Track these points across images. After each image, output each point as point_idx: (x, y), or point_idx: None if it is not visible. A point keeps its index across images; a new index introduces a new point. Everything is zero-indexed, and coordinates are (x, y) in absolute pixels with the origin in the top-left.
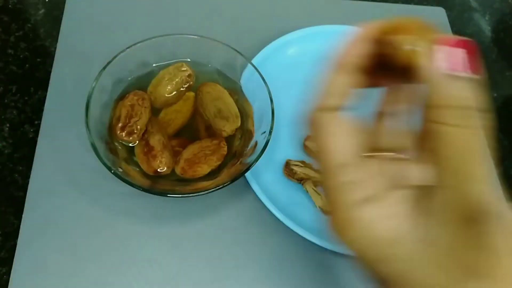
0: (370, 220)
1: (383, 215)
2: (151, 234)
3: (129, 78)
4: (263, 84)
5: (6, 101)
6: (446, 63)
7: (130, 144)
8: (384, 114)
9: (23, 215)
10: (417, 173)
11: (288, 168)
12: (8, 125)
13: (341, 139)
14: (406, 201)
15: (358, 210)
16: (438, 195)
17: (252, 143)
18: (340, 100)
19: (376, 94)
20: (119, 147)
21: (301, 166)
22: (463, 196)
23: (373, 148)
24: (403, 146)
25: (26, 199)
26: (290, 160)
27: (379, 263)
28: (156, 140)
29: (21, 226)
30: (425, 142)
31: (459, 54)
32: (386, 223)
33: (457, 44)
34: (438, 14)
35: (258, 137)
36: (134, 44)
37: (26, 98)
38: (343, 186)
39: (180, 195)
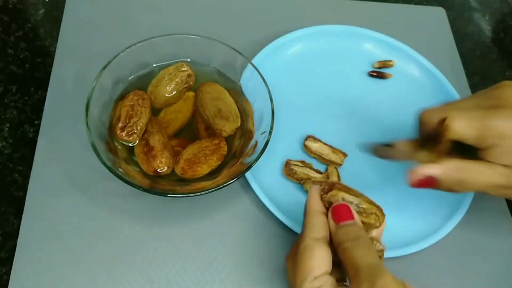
0: None
1: None
2: (151, 234)
3: (129, 78)
4: (263, 84)
5: (6, 101)
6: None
7: (130, 144)
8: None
9: (23, 215)
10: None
11: (288, 168)
12: (8, 125)
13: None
14: None
15: None
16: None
17: (252, 143)
18: (322, 232)
19: None
20: (119, 147)
21: (301, 166)
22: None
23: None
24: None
25: (26, 199)
26: (290, 160)
27: None
28: (156, 140)
29: (21, 226)
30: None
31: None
32: None
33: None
34: (438, 14)
35: (258, 137)
36: (134, 44)
37: (26, 98)
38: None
39: (180, 195)
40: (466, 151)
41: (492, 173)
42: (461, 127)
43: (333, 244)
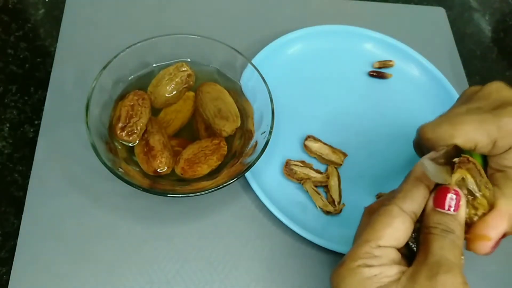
0: (368, 276)
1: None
2: (151, 234)
3: (129, 78)
4: (263, 84)
5: (6, 101)
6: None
7: (130, 144)
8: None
9: (23, 215)
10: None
11: (288, 168)
12: (8, 125)
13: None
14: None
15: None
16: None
17: (252, 143)
18: (414, 206)
19: None
20: (119, 147)
21: (301, 166)
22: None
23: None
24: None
25: (26, 199)
26: (290, 160)
27: None
28: (156, 140)
29: (21, 226)
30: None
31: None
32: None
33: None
34: (438, 14)
35: (258, 137)
36: (134, 44)
37: (26, 98)
38: (370, 254)
39: (180, 195)
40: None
41: None
42: (473, 134)
43: (421, 221)
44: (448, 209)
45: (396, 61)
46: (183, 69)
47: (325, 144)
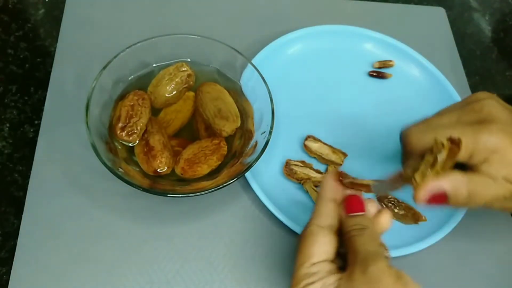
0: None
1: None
2: (151, 234)
3: (129, 78)
4: (263, 84)
5: (6, 101)
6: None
7: (130, 144)
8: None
9: (23, 215)
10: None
11: (288, 168)
12: (8, 125)
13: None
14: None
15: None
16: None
17: (252, 143)
18: (328, 220)
19: None
20: (119, 147)
21: (301, 166)
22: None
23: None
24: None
25: (26, 199)
26: (290, 160)
27: None
28: (156, 140)
29: (21, 226)
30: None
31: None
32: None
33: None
34: (438, 14)
35: (258, 137)
36: (134, 44)
37: (26, 98)
38: (308, 274)
39: (180, 195)
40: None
41: (497, 185)
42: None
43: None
44: (358, 210)
45: (396, 61)
46: (183, 69)
47: (325, 144)
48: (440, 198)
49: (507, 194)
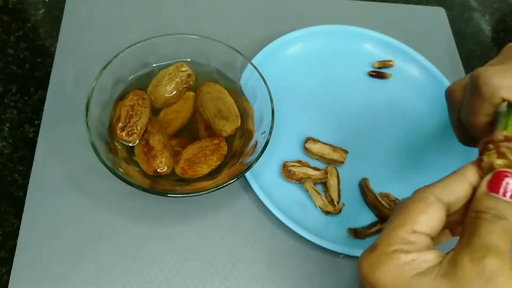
0: (405, 262)
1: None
2: (151, 234)
3: (129, 78)
4: (263, 84)
5: (6, 101)
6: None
7: (130, 144)
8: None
9: (23, 215)
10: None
11: (286, 170)
12: (8, 125)
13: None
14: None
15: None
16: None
17: (252, 143)
18: (451, 198)
19: None
20: (119, 147)
21: (298, 166)
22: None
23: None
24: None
25: (26, 199)
26: (286, 162)
27: None
28: (156, 140)
29: (21, 226)
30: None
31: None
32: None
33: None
34: (438, 14)
35: (258, 137)
36: (134, 44)
37: (26, 98)
38: (405, 239)
39: (180, 195)
40: None
41: None
42: None
43: (468, 208)
44: (504, 195)
45: (396, 61)
46: (183, 69)
47: (325, 144)
48: None
49: None
